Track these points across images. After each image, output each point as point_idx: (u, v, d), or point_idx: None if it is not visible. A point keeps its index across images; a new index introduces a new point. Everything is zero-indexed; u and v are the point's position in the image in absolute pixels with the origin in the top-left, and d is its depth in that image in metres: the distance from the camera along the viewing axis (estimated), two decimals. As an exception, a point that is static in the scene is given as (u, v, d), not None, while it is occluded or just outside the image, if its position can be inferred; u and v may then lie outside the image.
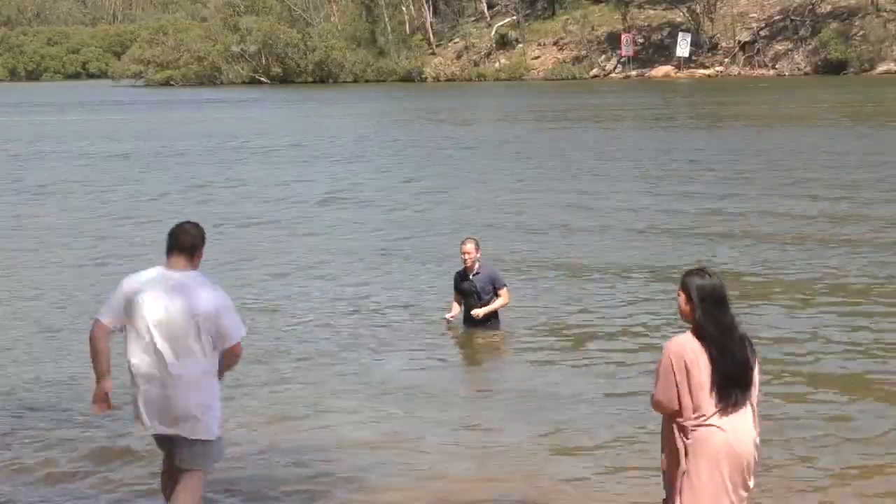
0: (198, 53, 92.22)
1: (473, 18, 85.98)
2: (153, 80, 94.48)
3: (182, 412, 5.57)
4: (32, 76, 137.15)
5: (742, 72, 69.02)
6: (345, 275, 13.98)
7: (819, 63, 66.34)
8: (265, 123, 43.41)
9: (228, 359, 5.80)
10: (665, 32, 74.17)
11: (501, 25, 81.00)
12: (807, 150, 26.72)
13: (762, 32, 70.73)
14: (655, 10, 76.38)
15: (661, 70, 71.60)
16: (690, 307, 5.08)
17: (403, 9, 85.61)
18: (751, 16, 72.09)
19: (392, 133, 37.03)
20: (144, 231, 17.75)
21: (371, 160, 28.65)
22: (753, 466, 5.11)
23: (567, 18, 77.65)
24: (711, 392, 5.00)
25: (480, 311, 10.87)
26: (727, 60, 70.42)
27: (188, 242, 5.69)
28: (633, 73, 72.42)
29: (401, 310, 12.01)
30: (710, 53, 71.32)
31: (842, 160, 24.30)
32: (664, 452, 5.23)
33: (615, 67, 74.36)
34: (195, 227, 5.77)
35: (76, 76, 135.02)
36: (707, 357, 5.02)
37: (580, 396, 8.97)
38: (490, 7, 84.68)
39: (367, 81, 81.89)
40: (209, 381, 5.66)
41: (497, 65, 79.03)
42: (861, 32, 65.03)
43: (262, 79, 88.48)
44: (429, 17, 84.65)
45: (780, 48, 69.40)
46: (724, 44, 71.34)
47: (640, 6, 77.00)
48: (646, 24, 76.03)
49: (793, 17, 69.08)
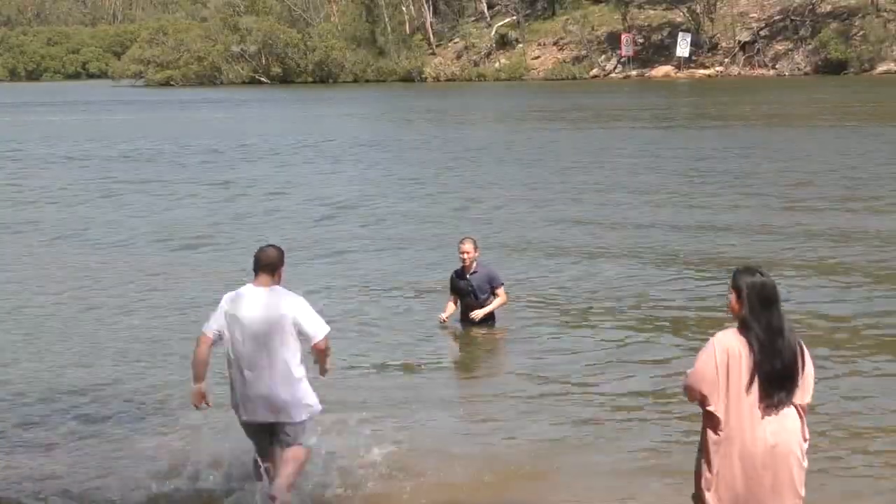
0: (198, 53, 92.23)
1: (473, 18, 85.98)
2: (153, 80, 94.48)
3: (279, 403, 6.69)
4: (32, 76, 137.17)
5: (742, 72, 69.01)
6: (346, 275, 13.98)
7: (819, 63, 66.33)
8: (278, 123, 43.35)
9: (318, 355, 6.86)
10: (665, 32, 74.16)
11: (501, 25, 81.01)
12: (814, 150, 26.73)
13: (762, 32, 70.72)
14: (655, 10, 76.37)
15: (661, 70, 71.60)
16: (739, 305, 5.07)
17: (403, 9, 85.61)
18: (751, 16, 72.07)
19: (394, 133, 37.00)
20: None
21: (375, 160, 28.59)
22: (800, 471, 5.04)
23: (567, 18, 77.64)
24: (750, 391, 4.96)
25: (479, 314, 10.86)
26: (727, 60, 70.40)
27: (272, 261, 6.87)
28: (633, 73, 72.41)
29: (402, 311, 12.00)
30: (710, 53, 71.31)
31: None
32: (700, 447, 5.19)
33: (615, 67, 74.35)
34: (276, 250, 6.94)
35: (76, 76, 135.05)
36: (750, 355, 4.99)
37: (583, 396, 8.96)
38: (490, 7, 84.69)
39: (367, 81, 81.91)
40: (298, 375, 6.74)
41: (497, 65, 79.03)
42: (861, 32, 65.02)
43: (262, 79, 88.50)
44: (429, 17, 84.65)
45: (780, 48, 69.39)
46: (724, 44, 71.33)
47: (640, 6, 76.98)
48: (646, 24, 76.02)
49: (793, 17, 69.08)
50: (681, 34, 70.09)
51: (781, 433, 4.97)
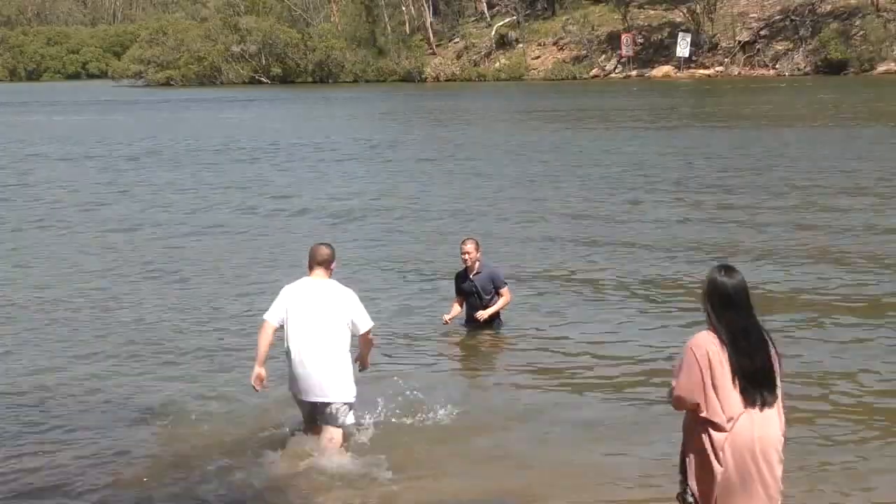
0: (198, 53, 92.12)
1: (473, 18, 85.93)
2: (153, 80, 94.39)
3: (328, 385, 7.41)
4: (32, 76, 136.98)
5: (742, 72, 68.98)
6: (349, 275, 14.00)
7: (819, 63, 66.28)
8: (290, 123, 43.28)
9: (364, 345, 7.73)
10: (665, 32, 74.10)
11: (501, 25, 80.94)
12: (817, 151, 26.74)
13: (762, 32, 70.68)
14: (655, 10, 76.31)
15: (662, 70, 71.55)
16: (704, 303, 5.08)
17: (403, 9, 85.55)
18: (751, 16, 72.02)
19: (398, 133, 36.99)
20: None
21: (379, 161, 28.58)
22: (780, 465, 5.05)
23: (567, 18, 77.59)
24: (734, 386, 4.96)
25: (483, 314, 10.89)
26: (727, 60, 70.36)
27: (326, 258, 7.62)
28: (633, 73, 72.36)
29: (402, 311, 12.03)
30: (710, 53, 71.25)
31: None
32: (685, 451, 5.17)
33: (615, 67, 74.30)
34: (329, 248, 7.73)
35: (76, 76, 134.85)
36: (725, 352, 4.98)
37: (589, 396, 8.99)
38: (490, 7, 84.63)
39: (367, 81, 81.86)
40: (345, 362, 7.50)
41: (497, 65, 78.98)
42: (861, 32, 64.98)
43: (262, 79, 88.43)
44: (429, 17, 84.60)
45: (780, 48, 69.34)
46: (724, 44, 71.28)
47: (641, 6, 76.93)
48: (646, 24, 75.97)
49: (793, 17, 69.03)
50: (681, 34, 70.05)
51: (765, 427, 4.97)
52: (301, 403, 7.64)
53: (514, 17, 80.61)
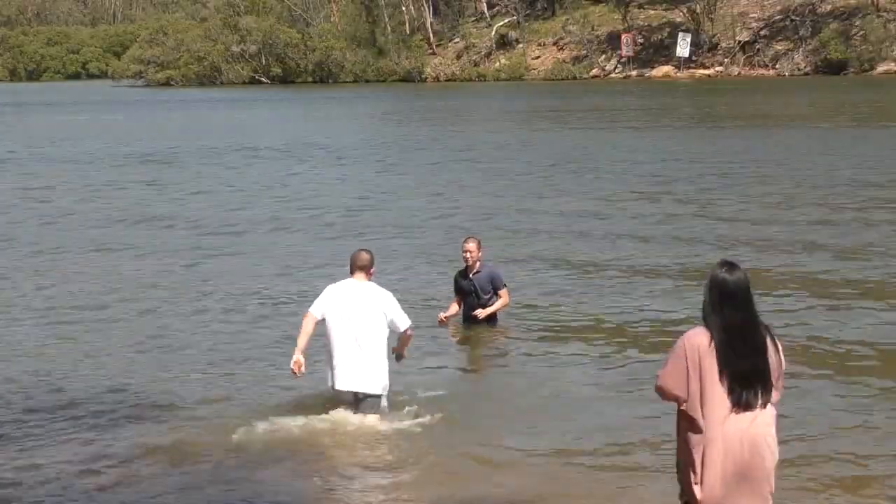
0: (198, 53, 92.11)
1: (473, 18, 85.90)
2: (153, 80, 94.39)
3: (366, 377, 8.19)
4: (32, 76, 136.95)
5: (742, 72, 68.99)
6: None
7: (819, 63, 66.29)
8: (292, 123, 43.28)
9: (404, 340, 8.61)
10: (665, 32, 74.11)
11: (501, 25, 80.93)
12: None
13: (762, 32, 70.69)
14: (655, 10, 76.32)
15: (662, 70, 71.56)
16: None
17: (403, 9, 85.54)
18: (751, 16, 72.03)
19: (399, 134, 36.98)
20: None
21: (382, 162, 28.54)
22: (772, 466, 5.02)
23: (567, 18, 77.60)
24: (723, 389, 4.93)
25: (482, 313, 10.89)
26: (727, 60, 70.37)
27: (366, 262, 8.44)
28: (633, 73, 72.38)
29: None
30: (710, 53, 71.27)
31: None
32: (677, 452, 5.17)
33: (615, 67, 74.30)
34: (368, 253, 8.58)
35: (76, 76, 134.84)
36: (716, 355, 4.96)
37: (588, 398, 8.98)
38: (490, 7, 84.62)
39: (367, 81, 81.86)
40: (383, 357, 8.28)
41: (497, 65, 78.98)
42: (861, 32, 64.99)
43: (262, 79, 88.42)
44: (429, 17, 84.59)
45: (780, 48, 69.35)
46: (724, 44, 71.29)
47: (641, 6, 76.93)
48: (646, 24, 75.97)
49: (793, 17, 69.04)
50: (681, 34, 70.05)
51: (754, 428, 4.94)
52: (339, 393, 8.31)
53: (514, 17, 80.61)
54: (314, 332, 8.27)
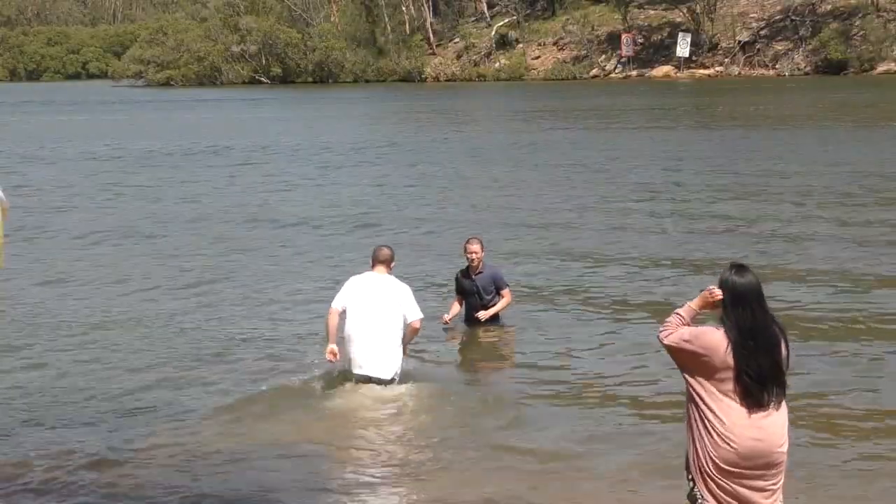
0: (198, 53, 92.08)
1: (473, 18, 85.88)
2: (153, 80, 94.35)
3: (382, 363, 8.78)
4: (32, 76, 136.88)
5: (742, 72, 68.98)
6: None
7: (819, 63, 66.29)
8: (294, 124, 43.23)
9: (410, 332, 9.04)
10: (665, 32, 74.10)
11: (501, 25, 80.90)
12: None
13: (762, 32, 70.69)
14: (655, 10, 76.30)
15: (662, 70, 71.54)
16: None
17: (403, 9, 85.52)
18: (751, 16, 72.02)
19: (401, 135, 36.98)
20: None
21: (383, 164, 28.53)
22: (783, 467, 5.04)
23: (567, 18, 77.58)
24: (738, 388, 4.98)
25: (484, 314, 10.89)
26: (727, 60, 70.37)
27: (387, 257, 9.14)
28: (633, 73, 72.37)
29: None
30: (710, 53, 71.26)
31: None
32: (687, 447, 5.19)
33: (615, 67, 74.29)
34: (389, 248, 9.30)
35: (76, 76, 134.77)
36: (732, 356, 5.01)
37: (587, 399, 8.99)
38: (490, 7, 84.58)
39: (367, 81, 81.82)
40: (398, 344, 8.89)
41: (497, 65, 78.95)
42: (861, 32, 64.98)
43: (263, 79, 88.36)
44: (429, 17, 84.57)
45: (780, 48, 69.34)
46: (724, 44, 71.28)
47: (641, 6, 76.92)
48: (646, 24, 75.96)
49: (793, 17, 69.03)
50: (681, 34, 70.03)
51: (771, 425, 4.97)
52: (358, 378, 8.82)
53: (514, 17, 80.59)
54: (339, 323, 8.87)
